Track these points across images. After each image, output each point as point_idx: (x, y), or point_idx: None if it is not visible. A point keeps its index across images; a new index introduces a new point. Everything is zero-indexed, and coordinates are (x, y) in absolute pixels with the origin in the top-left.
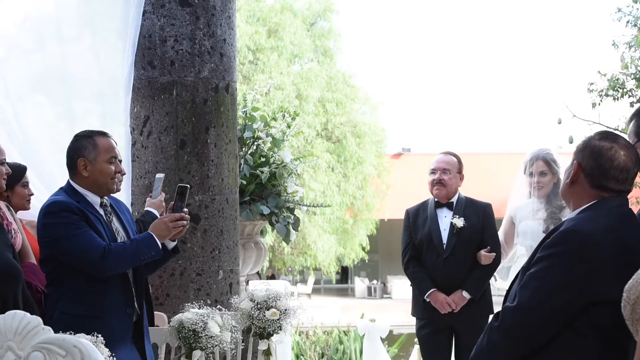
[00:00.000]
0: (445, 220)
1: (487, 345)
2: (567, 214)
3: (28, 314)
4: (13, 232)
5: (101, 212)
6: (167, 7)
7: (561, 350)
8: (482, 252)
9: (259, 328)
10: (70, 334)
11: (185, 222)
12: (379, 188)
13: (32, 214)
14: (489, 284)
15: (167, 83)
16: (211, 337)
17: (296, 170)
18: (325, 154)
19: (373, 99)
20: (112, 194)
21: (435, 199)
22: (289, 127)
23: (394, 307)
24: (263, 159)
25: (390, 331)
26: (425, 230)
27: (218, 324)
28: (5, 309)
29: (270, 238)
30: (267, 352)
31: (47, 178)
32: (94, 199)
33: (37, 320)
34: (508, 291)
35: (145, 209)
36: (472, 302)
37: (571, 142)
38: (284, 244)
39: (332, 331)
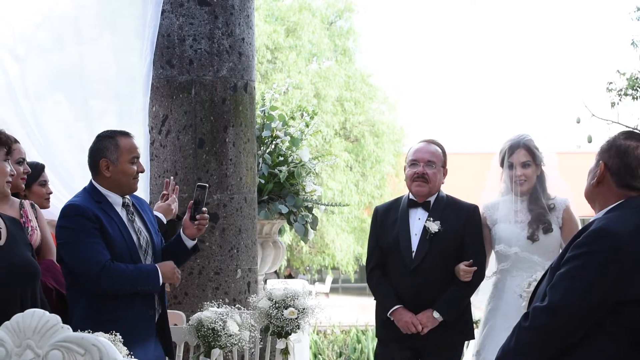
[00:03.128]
0: (419, 222)
1: (515, 346)
2: (554, 217)
3: (47, 313)
4: (30, 229)
5: (123, 212)
6: (186, 6)
7: (590, 350)
8: (462, 265)
9: (277, 327)
10: (89, 332)
11: (204, 221)
12: (396, 187)
13: (51, 212)
14: (469, 304)
15: (186, 82)
16: (230, 335)
17: (314, 169)
18: (343, 153)
19: (391, 98)
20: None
21: (410, 197)
22: (307, 126)
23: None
24: (281, 158)
25: None
26: (393, 233)
27: (237, 322)
28: (23, 306)
29: (288, 237)
30: (285, 351)
31: (66, 177)
32: (116, 199)
33: (56, 318)
34: (535, 291)
35: (153, 213)
36: (445, 325)
37: (590, 141)
38: (302, 242)
39: (350, 330)
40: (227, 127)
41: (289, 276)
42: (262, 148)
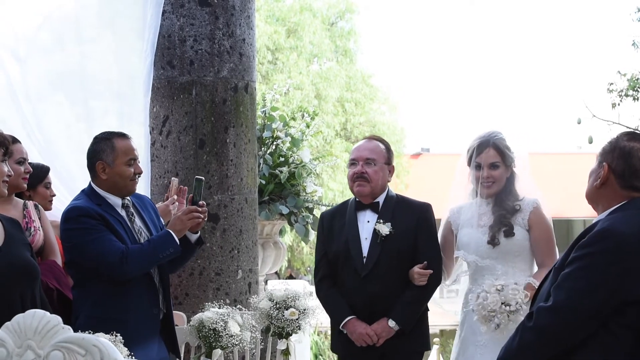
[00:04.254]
0: (368, 226)
1: (518, 346)
2: (520, 219)
3: (48, 313)
4: (32, 230)
5: (123, 213)
6: (187, 7)
7: (594, 350)
8: (416, 268)
9: (278, 328)
10: (90, 333)
11: (200, 213)
12: (397, 188)
13: (53, 213)
14: (426, 310)
15: (187, 83)
16: (231, 336)
17: (315, 170)
18: (344, 154)
19: (392, 99)
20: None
21: (357, 199)
22: (308, 126)
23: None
24: (282, 159)
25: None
26: (341, 239)
27: (238, 323)
28: (24, 307)
29: (289, 238)
30: (286, 352)
31: (66, 177)
32: (115, 201)
33: (57, 319)
34: (537, 291)
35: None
36: (402, 334)
37: (591, 142)
38: (302, 243)
39: None
40: (228, 128)
41: (290, 277)
42: (262, 149)
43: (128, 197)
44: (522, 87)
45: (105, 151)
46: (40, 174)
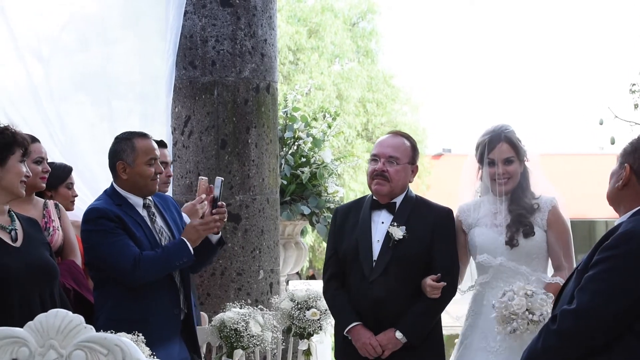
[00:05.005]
0: (382, 227)
1: (542, 349)
2: (538, 219)
3: (70, 313)
4: (51, 229)
5: (144, 213)
6: (209, 7)
7: (619, 353)
8: (428, 280)
9: (299, 328)
10: (112, 332)
11: (220, 216)
12: (419, 189)
13: (75, 214)
14: (439, 323)
15: (208, 83)
16: (252, 336)
17: (337, 171)
18: (365, 154)
19: (414, 99)
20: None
21: (373, 197)
22: (329, 127)
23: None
24: (304, 159)
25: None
26: (352, 239)
27: (259, 323)
28: (43, 307)
29: (310, 238)
30: (308, 352)
31: (89, 178)
32: (136, 201)
33: (79, 318)
34: (560, 294)
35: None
36: (411, 348)
37: (613, 143)
38: (324, 244)
39: None
40: (250, 128)
41: (312, 277)
42: (284, 149)
43: (150, 197)
44: (544, 88)
45: (126, 151)
46: (62, 174)
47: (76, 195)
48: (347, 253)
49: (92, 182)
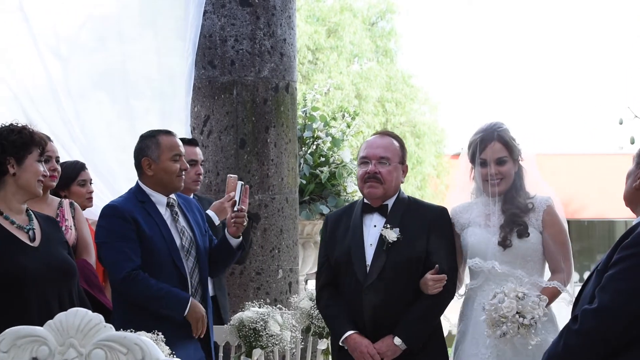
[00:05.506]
0: (374, 231)
1: (563, 350)
2: (533, 219)
3: (90, 312)
4: (64, 228)
5: (167, 213)
6: (228, 7)
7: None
8: (428, 275)
9: (318, 327)
10: (132, 331)
11: (239, 219)
12: (437, 188)
13: (93, 212)
14: (440, 326)
15: (228, 82)
16: (271, 335)
17: (355, 170)
18: None
19: (433, 99)
20: (181, 193)
21: (364, 201)
22: (348, 126)
23: (453, 307)
24: (323, 159)
25: (449, 332)
26: (344, 244)
27: (278, 322)
28: (61, 306)
29: None
30: (327, 352)
31: (107, 176)
32: (160, 199)
33: (99, 317)
34: (579, 295)
35: (207, 211)
36: (410, 354)
37: (633, 142)
38: None
39: None
40: (269, 128)
41: None
42: (303, 149)
43: (174, 197)
44: (563, 87)
45: (150, 147)
46: (72, 172)
47: (91, 192)
48: (339, 259)
49: (110, 180)
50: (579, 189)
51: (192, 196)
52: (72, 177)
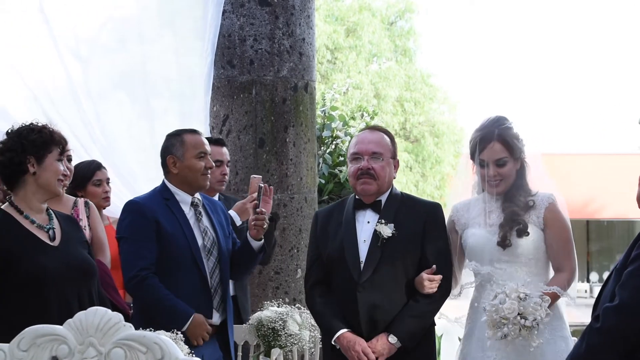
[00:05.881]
0: (368, 227)
1: (586, 349)
2: (534, 216)
3: (109, 311)
4: None
5: (190, 212)
6: (247, 6)
7: None
8: (424, 274)
9: None
10: (151, 330)
11: (259, 222)
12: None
13: (112, 211)
14: (433, 325)
15: (247, 82)
16: (290, 335)
17: None
18: (403, 154)
19: (451, 98)
20: (206, 194)
21: (356, 197)
22: (367, 126)
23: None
24: (342, 158)
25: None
26: (336, 241)
27: (297, 322)
28: (81, 305)
29: None
30: None
31: (127, 176)
32: (184, 198)
33: (118, 316)
34: (600, 294)
35: (229, 211)
36: (405, 352)
37: None
38: None
39: None
40: (288, 127)
41: None
42: (322, 148)
43: (198, 197)
44: (583, 86)
45: (175, 145)
46: (87, 173)
47: (107, 191)
48: (331, 256)
49: (130, 181)
50: (599, 189)
51: (217, 196)
52: (87, 177)
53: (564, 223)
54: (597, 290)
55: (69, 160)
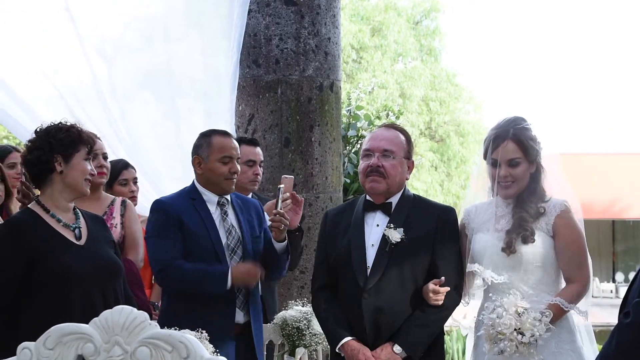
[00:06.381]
0: (377, 230)
1: (616, 345)
2: (543, 223)
3: (135, 309)
4: (108, 226)
5: (216, 211)
6: (272, 6)
7: None
8: (430, 284)
9: None
10: (175, 329)
11: (276, 223)
12: None
13: (138, 210)
14: (442, 335)
15: (272, 81)
16: (315, 334)
17: None
18: (428, 153)
19: (477, 97)
20: (239, 193)
21: (367, 198)
22: None
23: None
24: None
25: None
26: (343, 243)
27: None
28: (106, 304)
29: None
30: None
31: (152, 175)
32: (211, 198)
33: (144, 315)
34: (629, 290)
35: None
36: None
37: None
38: None
39: None
40: (313, 127)
41: None
42: (347, 147)
43: (227, 197)
44: (609, 85)
45: (202, 146)
46: (113, 172)
47: (134, 191)
48: (338, 260)
49: (155, 180)
50: (625, 188)
51: (250, 195)
52: (113, 176)
53: (576, 231)
54: (623, 290)
55: (105, 158)
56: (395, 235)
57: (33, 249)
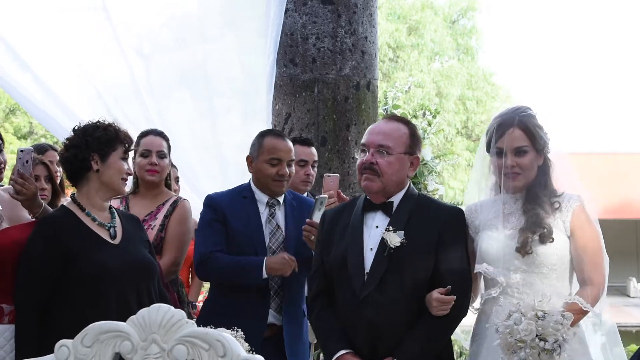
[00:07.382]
0: (376, 232)
1: None
2: (559, 221)
3: (172, 308)
4: (146, 227)
5: (265, 211)
6: (309, 5)
7: None
8: (435, 293)
9: None
10: (212, 327)
11: (305, 232)
12: None
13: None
14: (449, 346)
15: (309, 80)
16: None
17: (436, 168)
18: (465, 152)
19: (514, 97)
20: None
21: (367, 197)
22: (429, 124)
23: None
24: None
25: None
26: (340, 247)
27: None
28: (140, 303)
29: None
30: None
31: (188, 173)
32: (261, 197)
33: (181, 313)
34: None
35: None
36: None
37: None
38: None
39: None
40: (350, 126)
41: None
42: None
43: (278, 198)
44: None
45: (255, 146)
46: None
47: (175, 190)
48: (334, 264)
49: (192, 178)
50: None
51: (305, 195)
52: None
53: (593, 229)
54: None
55: (161, 157)
56: (395, 239)
57: (68, 247)
